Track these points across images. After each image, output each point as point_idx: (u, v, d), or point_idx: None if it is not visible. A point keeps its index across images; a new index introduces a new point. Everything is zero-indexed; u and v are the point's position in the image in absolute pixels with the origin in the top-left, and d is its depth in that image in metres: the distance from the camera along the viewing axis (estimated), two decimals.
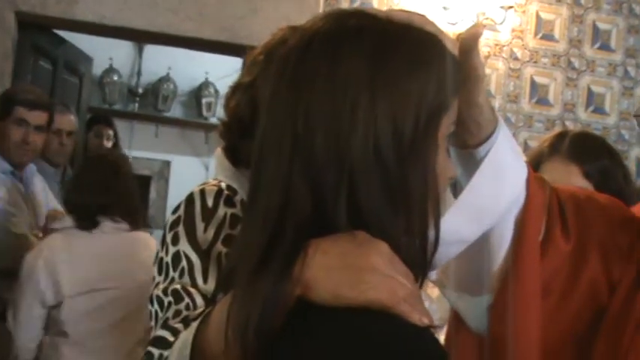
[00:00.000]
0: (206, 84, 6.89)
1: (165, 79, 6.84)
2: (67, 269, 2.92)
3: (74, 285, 2.92)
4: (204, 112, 6.91)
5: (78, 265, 2.94)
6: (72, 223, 2.99)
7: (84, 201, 2.98)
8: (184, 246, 1.39)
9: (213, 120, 6.59)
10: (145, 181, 6.73)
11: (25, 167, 3.37)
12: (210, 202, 1.42)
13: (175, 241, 1.40)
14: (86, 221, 2.96)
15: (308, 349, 0.88)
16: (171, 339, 1.16)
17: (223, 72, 5.61)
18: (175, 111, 6.98)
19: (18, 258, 3.08)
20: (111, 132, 5.12)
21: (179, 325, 1.20)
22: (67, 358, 2.96)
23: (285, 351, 0.89)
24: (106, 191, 2.99)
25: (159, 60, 6.65)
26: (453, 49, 1.03)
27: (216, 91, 6.78)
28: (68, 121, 3.91)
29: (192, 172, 6.56)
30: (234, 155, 1.52)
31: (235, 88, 1.52)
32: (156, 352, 1.17)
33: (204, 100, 6.90)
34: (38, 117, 3.33)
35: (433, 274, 1.35)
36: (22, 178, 3.35)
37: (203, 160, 6.83)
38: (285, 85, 0.96)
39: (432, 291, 2.55)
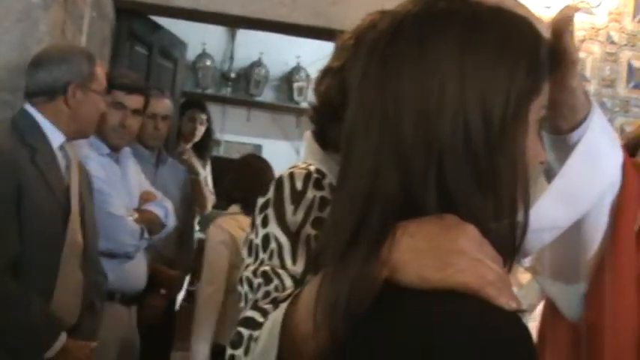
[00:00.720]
0: (297, 69, 6.92)
1: (257, 63, 6.90)
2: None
3: None
4: (296, 97, 6.95)
5: None
6: (239, 210, 3.68)
7: (244, 194, 3.61)
8: (274, 228, 1.40)
9: (305, 104, 6.62)
10: None
11: (121, 150, 3.45)
12: (299, 185, 1.43)
13: (265, 223, 1.42)
14: (249, 208, 3.30)
15: (395, 331, 0.88)
16: (261, 320, 1.17)
17: (315, 57, 5.61)
18: (267, 95, 7.04)
19: (116, 239, 3.17)
20: (204, 116, 5.18)
21: (268, 307, 1.21)
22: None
23: (373, 333, 0.90)
24: (260, 187, 3.36)
25: (251, 45, 6.71)
26: (545, 32, 1.02)
27: (308, 76, 6.80)
28: (163, 105, 3.98)
29: (283, 156, 6.59)
30: (323, 139, 1.53)
31: (325, 73, 1.53)
32: (245, 332, 1.18)
33: (295, 85, 6.94)
34: (135, 101, 3.40)
35: (527, 261, 1.33)
36: (118, 160, 3.43)
37: (294, 144, 6.87)
38: (375, 68, 0.96)
39: (522, 277, 2.52)
